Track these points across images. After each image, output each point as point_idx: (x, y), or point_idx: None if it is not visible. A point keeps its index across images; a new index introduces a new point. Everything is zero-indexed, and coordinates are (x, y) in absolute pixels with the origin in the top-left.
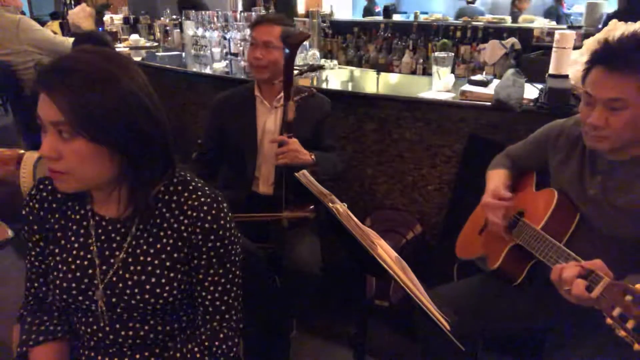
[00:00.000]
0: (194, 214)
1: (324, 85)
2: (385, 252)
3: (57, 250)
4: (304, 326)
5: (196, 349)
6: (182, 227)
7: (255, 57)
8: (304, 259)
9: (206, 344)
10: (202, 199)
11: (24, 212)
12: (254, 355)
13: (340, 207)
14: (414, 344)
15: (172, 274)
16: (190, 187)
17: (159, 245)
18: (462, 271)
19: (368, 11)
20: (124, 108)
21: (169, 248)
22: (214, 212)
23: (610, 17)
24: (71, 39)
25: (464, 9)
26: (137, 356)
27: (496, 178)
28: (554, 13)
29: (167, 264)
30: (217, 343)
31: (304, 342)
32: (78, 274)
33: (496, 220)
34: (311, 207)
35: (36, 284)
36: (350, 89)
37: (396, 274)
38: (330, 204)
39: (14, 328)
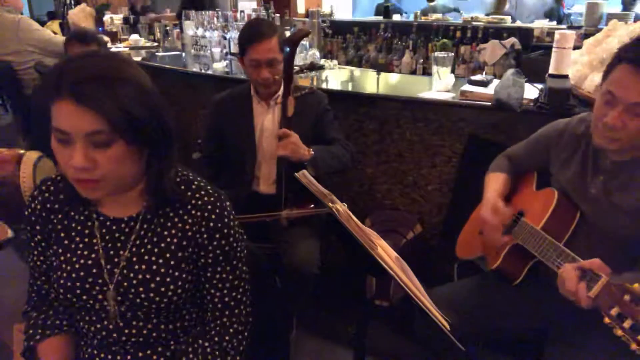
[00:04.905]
0: (199, 214)
1: (323, 85)
2: (385, 252)
3: (60, 251)
4: (304, 326)
5: (206, 344)
6: (187, 227)
7: (264, 78)
8: (302, 258)
9: (216, 339)
10: (206, 198)
11: (26, 213)
12: (253, 356)
13: (340, 207)
14: (414, 344)
15: (176, 273)
16: (193, 186)
17: (163, 244)
18: (462, 271)
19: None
20: (154, 104)
21: (173, 247)
22: (218, 211)
23: None
24: None
25: (425, 9)
26: (140, 354)
27: (494, 185)
28: (555, 14)
29: (172, 262)
30: (227, 338)
31: (304, 342)
32: (82, 273)
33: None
34: (311, 206)
35: (39, 282)
36: (350, 89)
37: (396, 274)
38: (330, 204)
39: (14, 328)
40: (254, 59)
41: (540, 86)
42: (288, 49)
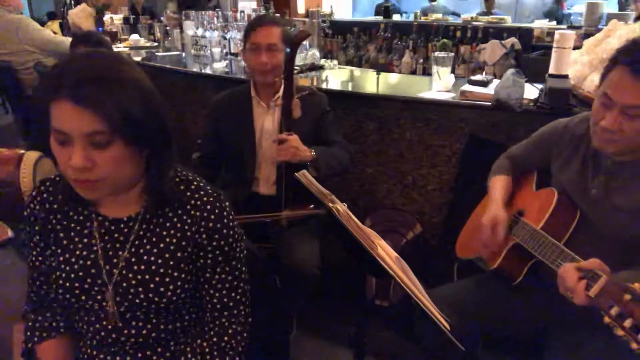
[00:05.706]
0: (198, 214)
1: (324, 85)
2: (385, 252)
3: (59, 251)
4: (304, 326)
5: (205, 344)
6: (186, 227)
7: (262, 63)
8: (301, 258)
9: (214, 339)
10: (205, 199)
11: (25, 214)
12: (253, 356)
13: (340, 207)
14: (414, 344)
15: (175, 273)
16: (193, 187)
17: (162, 245)
18: (462, 271)
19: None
20: (153, 106)
21: (172, 247)
22: (217, 211)
23: None
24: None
25: (425, 9)
26: (139, 355)
27: (498, 191)
28: (555, 14)
29: (171, 262)
30: (226, 339)
31: (304, 342)
32: (81, 273)
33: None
34: (311, 206)
35: (38, 282)
36: (350, 89)
37: (396, 274)
38: (331, 204)
39: (14, 327)
40: (255, 42)
41: (540, 86)
42: (289, 50)
